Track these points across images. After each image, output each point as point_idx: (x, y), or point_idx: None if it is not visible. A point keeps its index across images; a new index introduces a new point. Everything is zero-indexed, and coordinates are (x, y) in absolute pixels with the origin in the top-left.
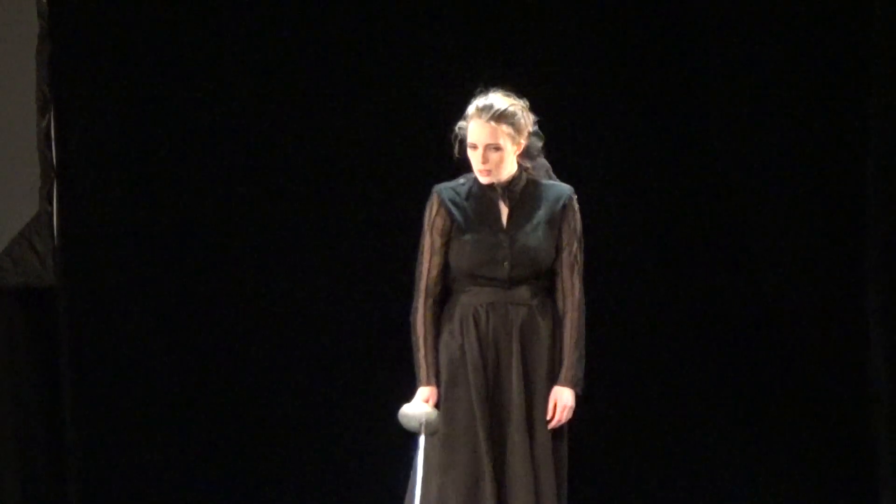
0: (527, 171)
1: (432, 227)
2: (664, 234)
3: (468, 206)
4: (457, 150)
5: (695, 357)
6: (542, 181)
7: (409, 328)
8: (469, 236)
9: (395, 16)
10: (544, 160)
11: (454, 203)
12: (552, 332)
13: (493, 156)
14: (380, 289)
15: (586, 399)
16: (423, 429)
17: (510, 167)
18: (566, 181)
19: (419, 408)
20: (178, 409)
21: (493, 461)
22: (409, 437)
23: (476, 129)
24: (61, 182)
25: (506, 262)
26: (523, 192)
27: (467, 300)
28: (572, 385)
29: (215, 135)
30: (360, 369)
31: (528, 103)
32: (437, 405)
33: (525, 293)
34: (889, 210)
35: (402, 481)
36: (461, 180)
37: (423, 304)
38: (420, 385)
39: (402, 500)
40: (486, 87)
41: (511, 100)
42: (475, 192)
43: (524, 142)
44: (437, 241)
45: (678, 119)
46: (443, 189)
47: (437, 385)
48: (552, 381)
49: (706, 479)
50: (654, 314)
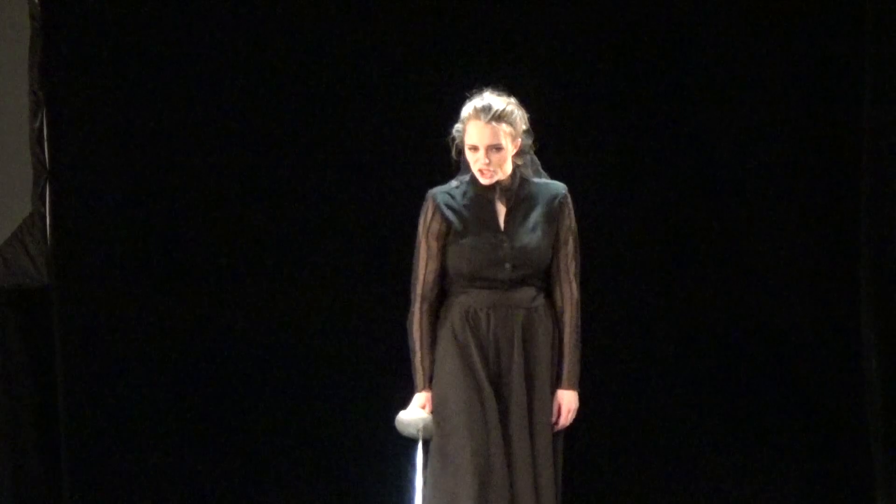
0: (518, 168)
1: (427, 231)
2: (660, 237)
3: (464, 209)
4: (454, 152)
5: (690, 359)
6: (535, 179)
7: (406, 333)
8: (468, 239)
9: (392, 17)
10: (534, 157)
11: (449, 206)
12: (552, 332)
13: (495, 156)
14: (376, 292)
15: (584, 402)
16: (422, 434)
17: (508, 166)
18: (563, 182)
19: (417, 413)
20: (171, 409)
21: (490, 464)
22: (407, 444)
23: (476, 131)
24: (54, 183)
25: (507, 263)
26: (519, 191)
27: (467, 302)
28: (574, 387)
29: (208, 135)
30: (356, 372)
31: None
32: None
33: (525, 294)
34: (883, 215)
35: (400, 487)
36: (454, 183)
37: (420, 308)
38: (417, 391)
39: None
40: (479, 88)
41: (505, 98)
42: (470, 194)
43: (521, 140)
44: (433, 245)
45: (674, 123)
46: (437, 193)
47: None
48: (553, 382)
49: (702, 481)
50: (649, 316)
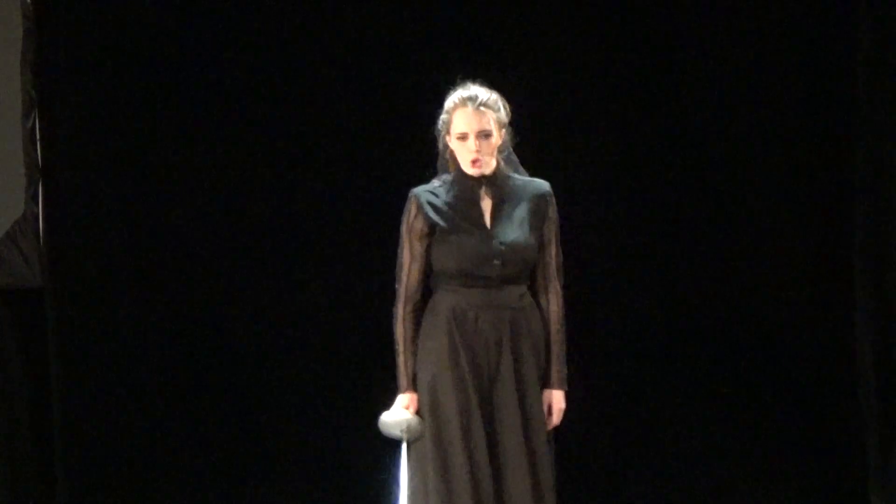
0: (501, 164)
1: (411, 231)
2: (653, 235)
3: (448, 207)
4: (441, 144)
5: (684, 356)
6: (517, 176)
7: (390, 334)
8: (454, 237)
9: (379, 16)
10: (513, 154)
11: (433, 205)
12: (539, 332)
13: (485, 144)
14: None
15: (580, 402)
16: (406, 435)
17: (494, 160)
18: (556, 182)
19: (400, 414)
20: (165, 408)
21: (491, 462)
22: (391, 445)
23: (464, 118)
24: (47, 183)
25: (495, 260)
26: (503, 187)
27: (455, 302)
28: (562, 386)
29: (202, 135)
30: (354, 372)
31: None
32: (418, 412)
33: (513, 293)
34: (878, 209)
35: (387, 489)
36: (436, 182)
37: (403, 309)
38: (400, 392)
39: None
40: (463, 81)
41: (490, 89)
42: (454, 191)
43: (505, 131)
44: (417, 245)
45: (668, 120)
46: (420, 192)
47: (416, 391)
48: (542, 381)
49: (695, 478)
50: (643, 315)
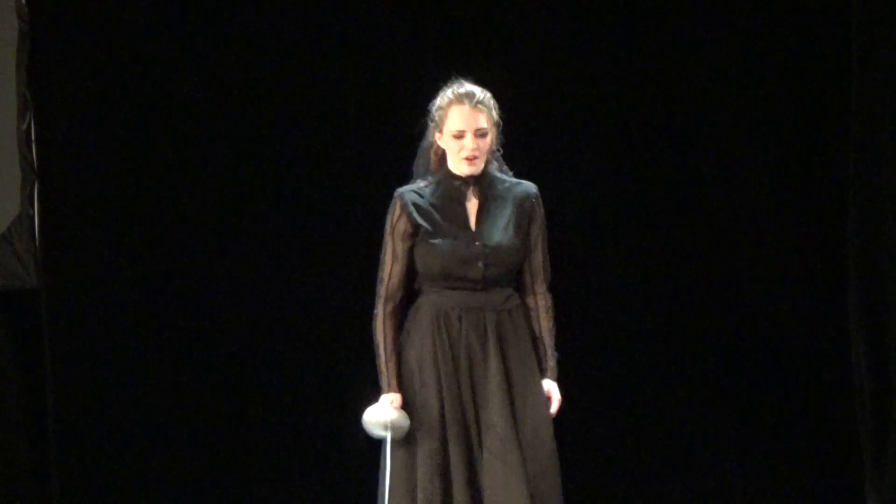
0: (488, 164)
1: (394, 231)
2: (648, 235)
3: (433, 208)
4: (426, 142)
5: (678, 358)
6: (503, 177)
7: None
8: (439, 238)
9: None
10: (498, 156)
11: (417, 206)
12: (526, 332)
13: (481, 143)
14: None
15: (575, 401)
16: (390, 433)
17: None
18: (547, 182)
19: (384, 411)
20: (160, 408)
21: (466, 465)
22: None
23: (462, 116)
24: (42, 183)
25: (479, 262)
26: (490, 188)
27: (439, 304)
28: (556, 379)
29: (197, 135)
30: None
31: None
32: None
33: (498, 295)
34: (871, 214)
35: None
36: (422, 182)
37: (384, 309)
38: (383, 392)
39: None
40: (454, 79)
41: (482, 88)
42: (440, 192)
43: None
44: (400, 245)
45: (661, 123)
46: (405, 192)
47: (400, 391)
48: (530, 383)
49: (689, 477)
50: (636, 316)
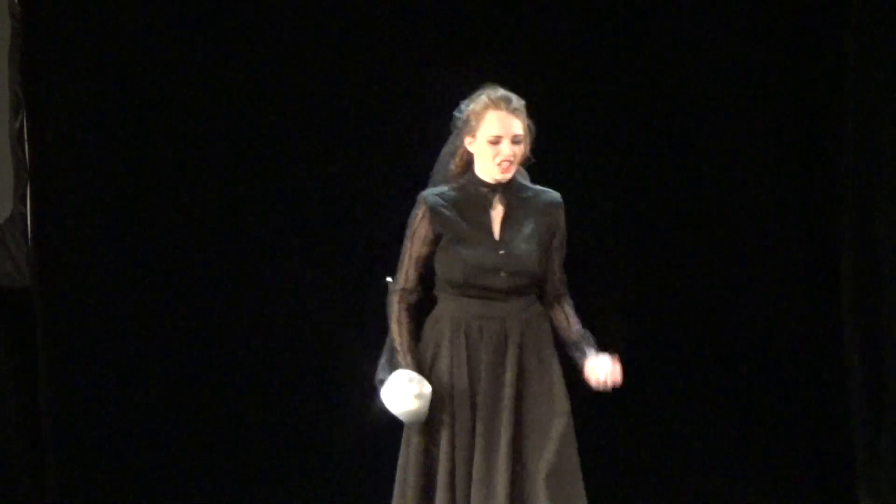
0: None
1: (415, 235)
2: (643, 234)
3: (458, 214)
4: (465, 142)
5: (671, 358)
6: (528, 184)
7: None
8: (461, 246)
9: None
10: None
11: (441, 211)
12: (548, 340)
13: (517, 149)
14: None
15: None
16: (418, 401)
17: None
18: (548, 181)
19: (405, 378)
20: (154, 407)
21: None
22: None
23: (499, 121)
24: (35, 183)
25: (502, 272)
26: (516, 196)
27: (458, 314)
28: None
29: (191, 134)
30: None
31: None
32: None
33: (519, 304)
34: (864, 213)
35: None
36: (445, 187)
37: (398, 309)
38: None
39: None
40: (485, 84)
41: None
42: (464, 199)
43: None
44: (421, 250)
45: (655, 122)
46: (429, 196)
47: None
48: (546, 397)
49: (683, 477)
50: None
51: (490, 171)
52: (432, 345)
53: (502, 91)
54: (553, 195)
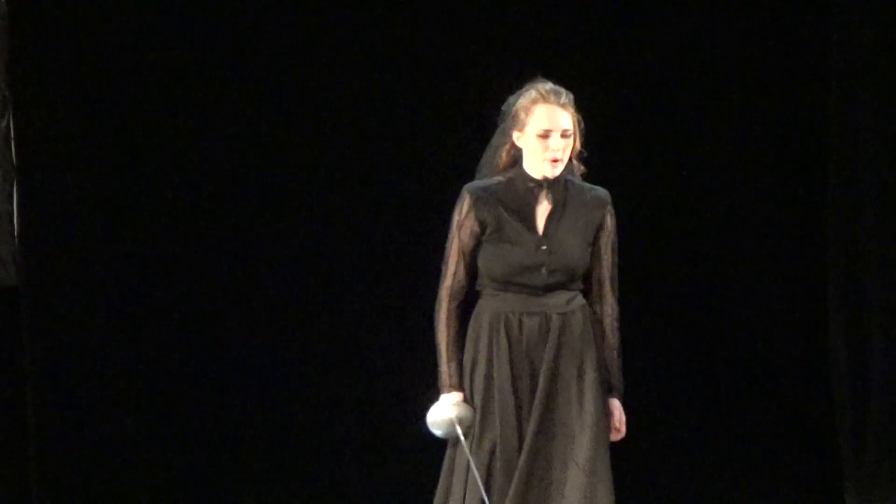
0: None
1: (461, 228)
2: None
3: (502, 208)
4: (512, 137)
5: (659, 358)
6: (576, 181)
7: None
8: (504, 241)
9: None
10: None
11: (486, 204)
12: (592, 334)
13: (566, 143)
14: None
15: None
16: (461, 428)
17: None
18: None
19: (446, 409)
20: (140, 408)
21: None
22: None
23: (550, 114)
24: (21, 182)
25: (543, 269)
26: (562, 192)
27: (499, 308)
28: (616, 394)
29: (177, 135)
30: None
31: None
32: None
33: (560, 299)
34: (849, 208)
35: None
36: (492, 181)
37: (447, 307)
38: (443, 392)
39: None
40: (542, 77)
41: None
42: (510, 193)
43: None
44: (467, 243)
45: (643, 115)
46: (474, 189)
47: (461, 390)
48: (584, 391)
49: (670, 478)
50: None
51: (539, 168)
52: (472, 346)
53: (551, 84)
54: (600, 192)
